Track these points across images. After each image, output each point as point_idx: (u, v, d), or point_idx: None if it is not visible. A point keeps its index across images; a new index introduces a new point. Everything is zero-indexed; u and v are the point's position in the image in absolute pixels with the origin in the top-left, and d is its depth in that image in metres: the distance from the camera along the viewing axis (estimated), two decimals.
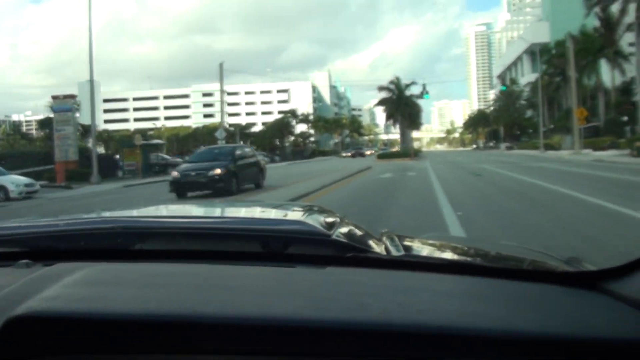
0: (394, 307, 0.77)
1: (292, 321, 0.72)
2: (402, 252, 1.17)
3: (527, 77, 79.79)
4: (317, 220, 1.30)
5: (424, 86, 45.06)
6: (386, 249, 1.20)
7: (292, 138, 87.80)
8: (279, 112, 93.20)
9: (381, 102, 63.43)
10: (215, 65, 43.21)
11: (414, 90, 61.48)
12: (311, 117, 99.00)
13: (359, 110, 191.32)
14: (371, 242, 1.23)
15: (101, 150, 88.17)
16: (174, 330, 0.72)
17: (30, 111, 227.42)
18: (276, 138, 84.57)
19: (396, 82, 61.70)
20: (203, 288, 0.85)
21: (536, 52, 73.14)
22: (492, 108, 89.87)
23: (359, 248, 1.14)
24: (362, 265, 1.03)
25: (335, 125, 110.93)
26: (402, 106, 59.11)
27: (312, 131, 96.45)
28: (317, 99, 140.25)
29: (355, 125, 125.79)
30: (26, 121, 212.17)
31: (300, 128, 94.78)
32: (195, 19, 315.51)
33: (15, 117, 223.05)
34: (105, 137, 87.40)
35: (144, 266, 1.02)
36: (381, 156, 50.53)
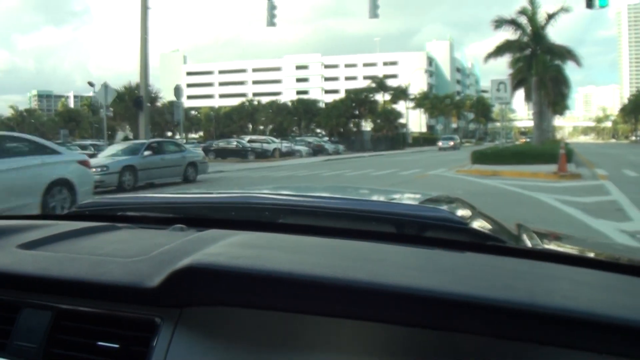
0: (539, 290, 0.76)
1: (439, 293, 0.71)
2: (540, 245, 1.16)
3: None
4: (453, 209, 1.31)
5: None
6: (523, 240, 1.20)
7: (375, 119, 61.97)
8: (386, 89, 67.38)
9: (500, 50, 30.51)
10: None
11: (560, 33, 32.96)
12: (411, 93, 72.47)
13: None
14: (507, 234, 1.23)
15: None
16: (329, 293, 0.74)
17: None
18: (349, 118, 59.60)
19: (529, 14, 29.17)
20: (351, 258, 0.86)
21: None
22: None
23: (496, 237, 1.13)
24: (500, 254, 1.00)
25: (450, 106, 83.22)
26: (540, 57, 30.06)
27: (406, 111, 70.08)
28: (435, 73, 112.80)
29: (480, 107, 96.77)
30: None
31: (401, 109, 68.97)
32: (328, 3, 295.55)
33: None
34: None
35: (293, 237, 1.04)
36: (480, 157, 21.00)
